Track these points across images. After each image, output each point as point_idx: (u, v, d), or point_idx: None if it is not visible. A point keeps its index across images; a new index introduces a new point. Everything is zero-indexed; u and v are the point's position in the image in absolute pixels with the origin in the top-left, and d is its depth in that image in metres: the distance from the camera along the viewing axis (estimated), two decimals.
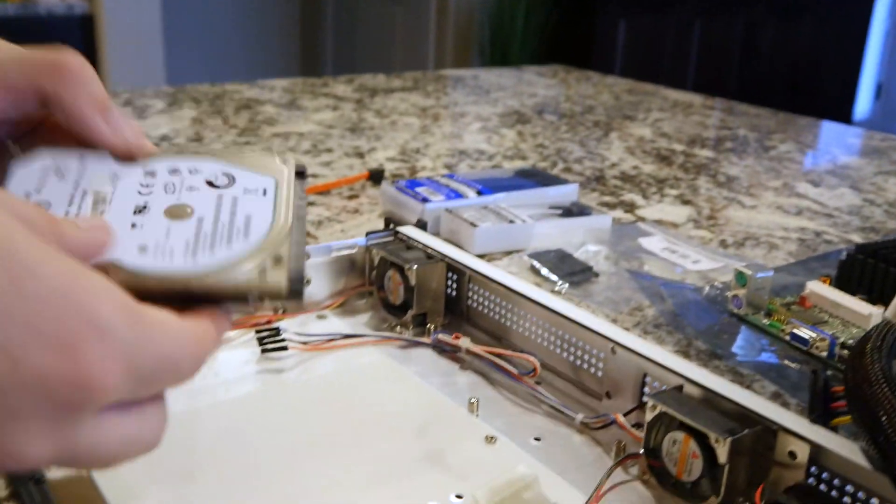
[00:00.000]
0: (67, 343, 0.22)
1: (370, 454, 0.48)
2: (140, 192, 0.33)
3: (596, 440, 0.51)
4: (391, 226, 0.69)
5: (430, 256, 0.63)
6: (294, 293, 0.30)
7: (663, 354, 0.50)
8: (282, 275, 0.30)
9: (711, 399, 0.46)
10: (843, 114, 2.84)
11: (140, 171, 0.34)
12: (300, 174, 0.35)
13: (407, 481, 0.45)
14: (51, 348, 0.22)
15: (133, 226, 0.31)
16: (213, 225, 0.31)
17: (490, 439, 0.49)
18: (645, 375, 0.51)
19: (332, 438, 0.49)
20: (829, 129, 1.55)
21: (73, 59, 0.32)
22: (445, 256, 0.63)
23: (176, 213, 0.32)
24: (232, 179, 0.34)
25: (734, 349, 0.63)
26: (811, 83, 2.97)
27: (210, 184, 0.33)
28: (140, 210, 0.32)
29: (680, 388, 0.47)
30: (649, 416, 0.46)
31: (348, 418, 0.51)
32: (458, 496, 0.44)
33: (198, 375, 0.28)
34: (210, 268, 0.30)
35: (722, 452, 0.42)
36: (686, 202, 1.01)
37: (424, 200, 0.83)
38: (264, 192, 0.33)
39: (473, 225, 0.78)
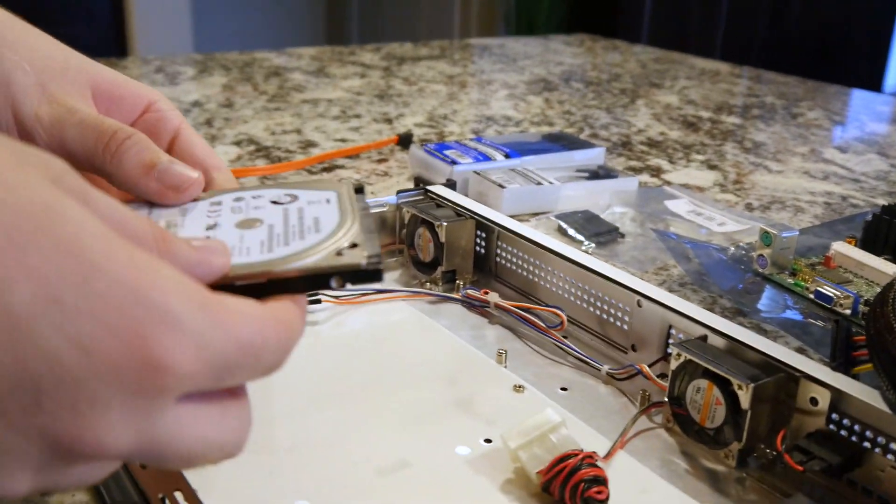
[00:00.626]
0: (138, 333, 0.22)
1: (402, 400, 0.49)
2: (209, 216, 0.34)
3: (621, 390, 0.52)
4: (420, 185, 0.70)
5: (460, 214, 0.65)
6: (373, 271, 0.30)
7: (688, 306, 0.51)
8: (360, 253, 0.30)
9: (735, 349, 0.47)
10: (872, 84, 2.81)
11: (206, 202, 0.35)
12: (359, 190, 0.36)
13: (438, 426, 0.47)
14: (122, 339, 0.22)
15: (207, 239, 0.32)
16: (284, 227, 0.32)
17: (518, 388, 0.51)
18: (670, 328, 0.52)
19: (366, 386, 0.51)
20: (859, 97, 1.54)
21: (120, 130, 0.36)
22: (475, 214, 0.64)
23: (246, 224, 0.33)
24: (294, 198, 0.35)
25: (758, 307, 0.64)
26: (841, 52, 2.94)
27: (275, 202, 0.35)
28: (211, 227, 0.33)
29: (704, 337, 0.49)
30: (674, 364, 0.47)
31: (381, 368, 0.53)
32: (488, 440, 0.46)
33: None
34: (288, 254, 0.30)
35: (745, 398, 0.44)
36: (712, 167, 1.01)
37: (453, 163, 0.84)
38: (328, 201, 0.34)
39: (501, 186, 0.79)
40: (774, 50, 3.10)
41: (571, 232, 0.74)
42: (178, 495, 0.39)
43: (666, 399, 0.48)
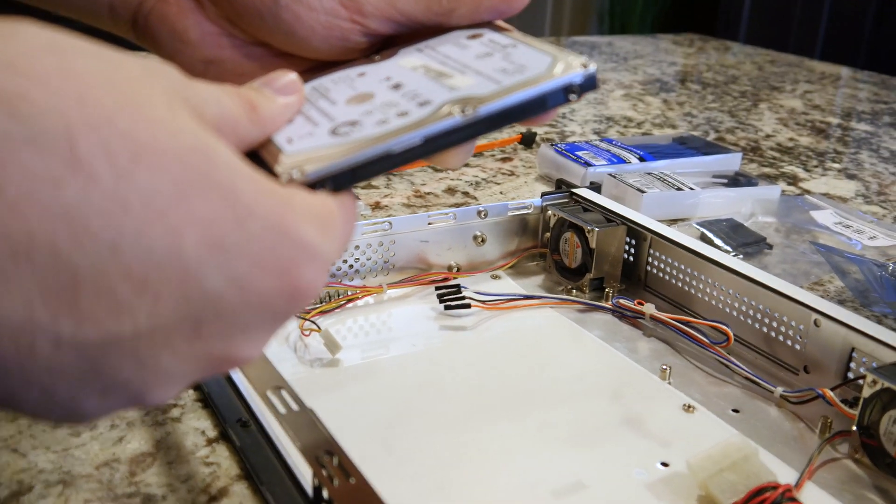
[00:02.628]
0: (285, 268, 0.25)
1: (567, 416, 0.47)
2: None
3: (796, 415, 0.49)
4: (562, 187, 0.68)
5: (609, 219, 0.62)
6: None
7: (877, 328, 0.47)
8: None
9: None
10: None
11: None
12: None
13: (609, 446, 0.45)
14: (272, 275, 0.24)
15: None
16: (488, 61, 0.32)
17: (688, 408, 0.48)
18: (852, 350, 0.48)
19: (526, 398, 0.49)
20: None
21: None
22: (626, 219, 0.62)
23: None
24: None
25: None
26: None
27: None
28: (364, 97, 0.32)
29: None
30: (867, 391, 0.44)
31: (539, 379, 0.51)
32: (664, 464, 0.43)
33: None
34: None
35: None
36: (851, 176, 0.96)
37: (587, 164, 0.82)
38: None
39: (641, 191, 0.76)
40: (878, 51, 2.99)
41: (718, 241, 0.71)
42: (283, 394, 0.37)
43: (854, 428, 0.45)
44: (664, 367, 0.51)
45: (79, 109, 0.21)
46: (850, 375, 0.49)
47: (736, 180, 0.82)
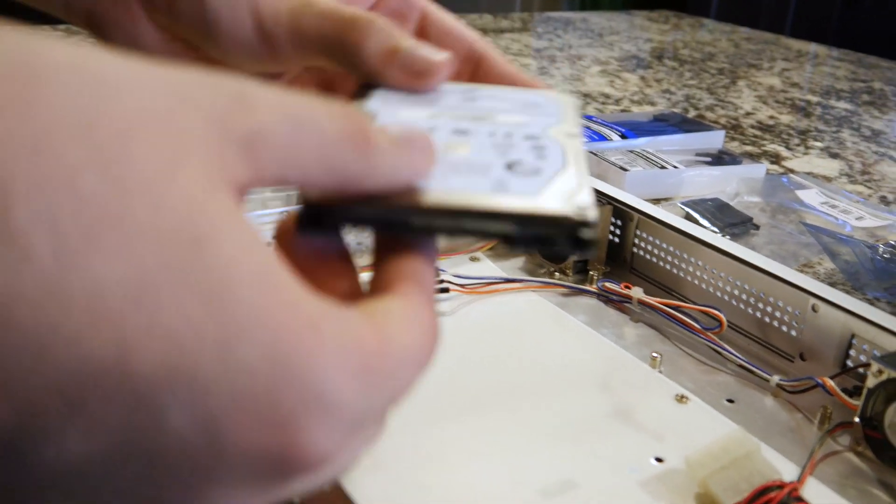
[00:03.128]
0: (280, 422, 0.18)
1: (555, 408, 0.44)
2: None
3: (793, 404, 0.47)
4: None
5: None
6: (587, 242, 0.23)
7: (879, 314, 0.45)
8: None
9: None
10: None
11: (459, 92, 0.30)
12: None
13: (600, 440, 0.42)
14: (259, 426, 0.18)
15: None
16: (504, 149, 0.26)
17: (681, 399, 0.45)
18: (852, 337, 0.46)
19: (511, 389, 0.46)
20: None
21: (360, 17, 0.31)
22: (612, 199, 0.59)
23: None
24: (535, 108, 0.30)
25: None
26: None
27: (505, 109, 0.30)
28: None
29: None
30: (872, 381, 0.41)
31: (524, 368, 0.48)
32: (659, 459, 0.40)
33: None
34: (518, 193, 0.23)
35: None
36: (834, 155, 0.94)
37: None
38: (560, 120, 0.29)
39: (623, 169, 0.73)
40: (847, 31, 2.99)
41: (703, 221, 0.68)
42: None
43: (856, 419, 0.42)
44: (654, 354, 0.49)
45: (28, 161, 0.16)
46: (850, 364, 0.46)
47: (720, 158, 0.80)
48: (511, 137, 0.27)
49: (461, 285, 0.55)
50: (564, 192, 0.23)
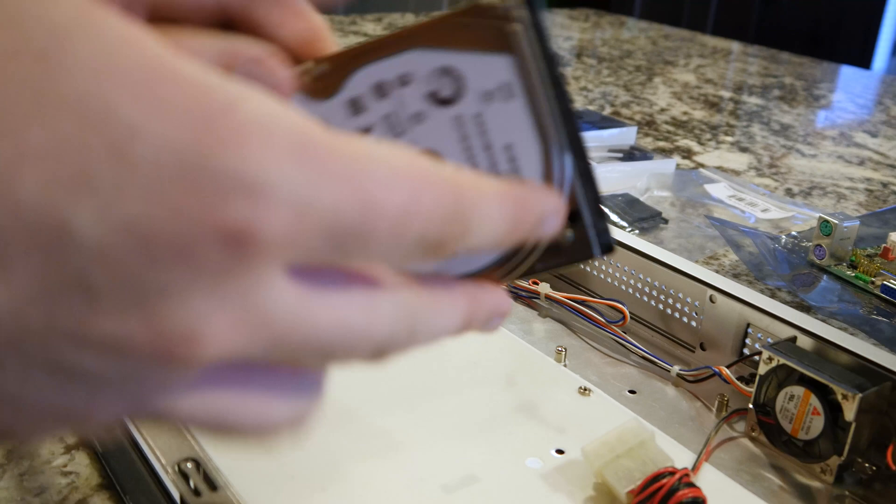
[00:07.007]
0: (208, 204, 0.15)
1: (458, 404, 0.45)
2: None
3: (692, 394, 0.48)
4: None
5: None
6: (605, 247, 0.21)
7: (772, 303, 0.46)
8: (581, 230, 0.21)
9: (824, 351, 0.43)
10: (863, 63, 2.78)
11: (339, 103, 0.23)
12: (537, 27, 0.21)
13: (502, 435, 0.42)
14: (184, 216, 0.15)
15: None
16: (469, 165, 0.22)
17: (584, 391, 0.46)
18: (748, 326, 0.47)
19: (415, 387, 0.46)
20: (876, 80, 1.50)
21: None
22: None
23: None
24: (459, 81, 0.22)
25: (821, 301, 0.60)
26: (831, 34, 2.91)
27: (437, 100, 0.22)
28: None
29: (793, 339, 0.44)
30: (763, 368, 0.43)
31: (428, 365, 0.48)
32: (560, 451, 0.41)
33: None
34: None
35: (849, 410, 0.39)
36: (743, 149, 0.97)
37: None
38: (509, 91, 0.21)
39: None
40: (766, 30, 3.07)
41: (613, 217, 0.70)
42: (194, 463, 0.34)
43: (750, 406, 0.44)
44: (559, 348, 0.50)
45: None
46: (746, 352, 0.48)
47: (631, 154, 0.82)
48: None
49: None
50: None
